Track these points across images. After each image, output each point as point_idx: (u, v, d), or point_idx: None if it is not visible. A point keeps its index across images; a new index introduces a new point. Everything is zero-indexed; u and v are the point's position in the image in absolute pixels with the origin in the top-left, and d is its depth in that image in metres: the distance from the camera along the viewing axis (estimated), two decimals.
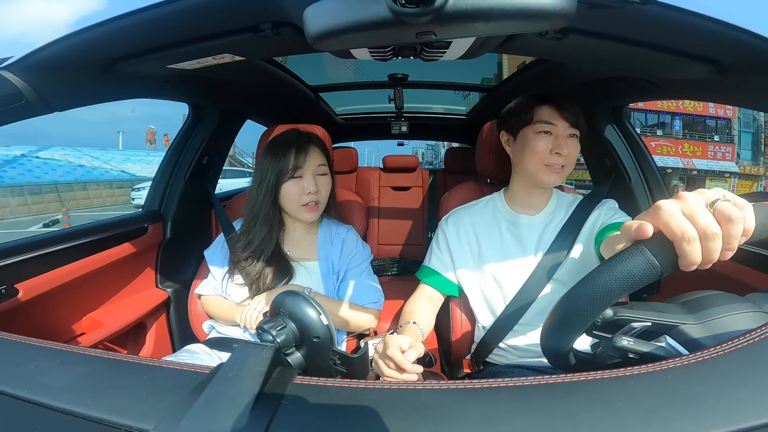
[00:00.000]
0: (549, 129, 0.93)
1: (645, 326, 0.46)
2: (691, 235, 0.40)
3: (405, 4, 0.41)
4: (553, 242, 0.96)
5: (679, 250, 0.41)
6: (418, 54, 0.84)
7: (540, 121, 0.94)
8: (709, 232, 0.39)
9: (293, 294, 0.62)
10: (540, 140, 0.93)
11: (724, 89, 0.87)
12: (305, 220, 1.07)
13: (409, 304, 1.02)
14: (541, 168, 0.94)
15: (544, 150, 0.93)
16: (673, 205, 0.42)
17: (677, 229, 0.40)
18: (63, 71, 0.80)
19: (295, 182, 1.02)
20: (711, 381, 0.33)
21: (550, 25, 0.45)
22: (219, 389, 0.36)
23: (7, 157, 14.07)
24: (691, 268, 0.41)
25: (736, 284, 0.98)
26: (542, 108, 0.95)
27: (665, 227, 0.41)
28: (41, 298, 0.99)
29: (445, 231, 1.07)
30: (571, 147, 0.93)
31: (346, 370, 0.58)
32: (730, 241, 0.40)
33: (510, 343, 0.96)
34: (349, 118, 2.62)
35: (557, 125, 0.93)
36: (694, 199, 0.41)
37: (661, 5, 0.57)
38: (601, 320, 0.47)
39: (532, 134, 0.94)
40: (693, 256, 0.40)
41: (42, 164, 14.59)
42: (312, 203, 1.03)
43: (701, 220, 0.40)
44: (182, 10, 0.65)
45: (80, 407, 0.35)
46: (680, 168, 19.56)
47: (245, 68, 1.14)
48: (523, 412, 0.32)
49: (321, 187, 1.04)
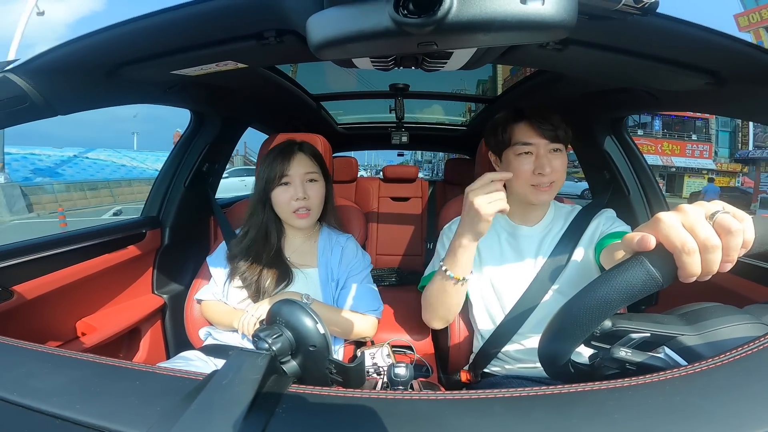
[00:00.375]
0: (529, 149, 0.91)
1: (643, 337, 0.46)
2: (691, 247, 0.40)
3: (407, 14, 0.41)
4: (552, 251, 0.96)
5: (679, 262, 0.41)
6: (420, 64, 0.85)
7: (518, 142, 0.92)
8: (709, 244, 0.40)
9: (290, 302, 0.61)
10: (522, 162, 0.92)
11: (722, 101, 0.87)
12: (297, 226, 1.08)
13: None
14: (529, 189, 0.93)
15: (527, 171, 0.91)
16: (674, 217, 0.42)
17: (677, 240, 0.40)
18: (67, 75, 0.80)
19: (283, 189, 1.04)
20: (709, 392, 0.32)
21: (551, 37, 0.46)
22: (212, 396, 0.36)
23: (63, 157, 16.20)
24: (690, 279, 0.41)
25: (734, 296, 0.98)
26: (519, 127, 0.93)
27: (665, 239, 0.41)
28: (36, 301, 0.98)
29: (450, 237, 1.06)
30: (556, 162, 0.91)
31: (341, 379, 0.57)
32: (729, 253, 0.40)
33: (509, 352, 0.96)
34: (350, 128, 2.63)
35: (536, 144, 0.91)
36: (694, 211, 0.42)
37: (661, 16, 0.58)
38: (599, 331, 0.47)
39: (513, 156, 0.93)
40: (692, 267, 0.40)
41: (92, 164, 16.79)
42: (302, 210, 1.04)
43: (701, 232, 0.40)
44: (187, 16, 0.66)
45: (70, 412, 0.35)
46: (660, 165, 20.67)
47: (248, 76, 1.15)
48: (521, 424, 0.32)
49: (311, 193, 1.05)
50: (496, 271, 0.99)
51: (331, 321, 1.00)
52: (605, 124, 1.37)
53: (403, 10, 0.41)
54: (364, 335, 1.08)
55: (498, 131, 0.96)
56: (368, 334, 1.08)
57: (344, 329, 1.03)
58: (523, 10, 0.41)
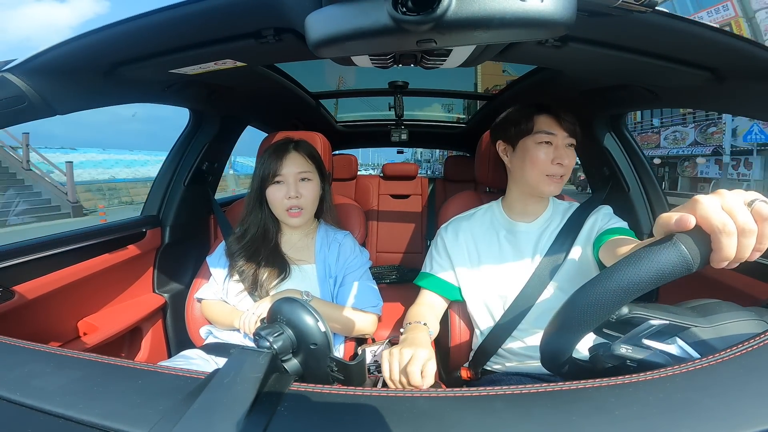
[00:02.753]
0: (550, 139, 0.94)
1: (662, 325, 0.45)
2: (731, 229, 0.40)
3: (406, 12, 0.41)
4: (550, 247, 0.97)
5: (717, 244, 0.41)
6: (419, 62, 0.84)
7: (541, 131, 0.94)
8: (747, 228, 0.40)
9: (291, 300, 0.61)
10: (541, 150, 0.94)
11: (722, 97, 0.87)
12: (290, 224, 1.09)
13: (413, 309, 1.01)
14: (543, 178, 0.95)
15: (545, 160, 0.93)
16: (713, 199, 0.42)
17: (718, 221, 0.40)
18: (65, 75, 0.80)
19: (277, 187, 1.05)
20: (710, 388, 0.33)
21: (550, 34, 0.46)
22: (214, 395, 0.36)
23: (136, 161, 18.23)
24: (723, 263, 0.41)
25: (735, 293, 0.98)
26: (542, 117, 0.95)
27: (704, 219, 0.41)
28: (38, 300, 0.98)
29: (444, 238, 1.07)
30: (570, 156, 0.95)
31: (343, 377, 0.58)
32: (762, 241, 0.41)
33: (509, 348, 0.96)
34: (350, 126, 2.63)
35: (557, 135, 0.94)
36: (734, 195, 0.42)
37: (660, 13, 0.58)
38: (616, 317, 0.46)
39: (533, 144, 0.95)
40: (729, 250, 0.40)
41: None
42: (295, 208, 1.05)
43: (740, 215, 0.40)
44: (185, 15, 0.66)
45: (73, 411, 0.35)
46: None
47: (246, 74, 1.15)
48: (522, 421, 0.32)
49: (303, 192, 1.05)
50: (494, 268, 1.00)
51: (331, 318, 1.01)
52: (605, 120, 1.37)
53: (401, 7, 0.41)
54: (364, 332, 1.08)
55: (521, 120, 0.98)
56: (369, 331, 1.09)
57: (345, 326, 1.04)
58: (522, 7, 0.41)
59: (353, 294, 1.09)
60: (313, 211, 1.11)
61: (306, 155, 1.08)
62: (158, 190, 1.43)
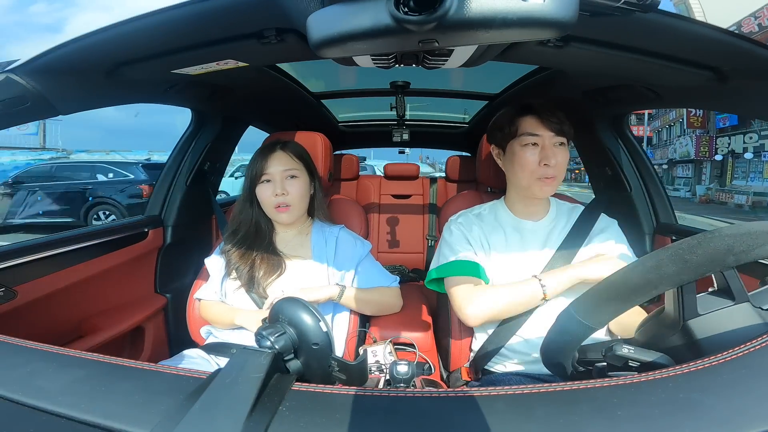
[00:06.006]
0: (535, 141, 0.93)
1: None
2: None
3: (408, 12, 0.41)
4: (560, 247, 0.97)
5: None
6: (420, 62, 0.85)
7: (525, 133, 0.94)
8: None
9: (292, 300, 0.61)
10: (527, 152, 0.94)
11: (724, 97, 0.87)
12: (280, 221, 1.12)
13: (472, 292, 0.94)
14: (534, 181, 0.94)
15: (533, 162, 0.93)
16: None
17: None
18: (67, 75, 0.80)
19: (265, 186, 1.07)
20: (712, 389, 0.32)
21: (552, 34, 0.45)
22: (216, 395, 0.36)
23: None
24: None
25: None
26: (526, 119, 0.95)
27: None
28: (40, 300, 0.99)
29: (460, 226, 1.04)
30: (560, 155, 0.93)
31: (344, 377, 0.58)
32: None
33: (512, 348, 0.96)
34: (351, 126, 2.63)
35: (542, 135, 0.93)
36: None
37: (662, 13, 0.58)
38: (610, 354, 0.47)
39: (519, 147, 0.95)
40: None
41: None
42: (282, 205, 1.07)
43: None
44: (187, 15, 0.66)
45: (75, 411, 0.35)
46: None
47: (248, 74, 1.15)
48: (524, 421, 0.32)
49: (290, 189, 1.07)
50: (504, 263, 0.99)
51: (366, 300, 1.09)
52: (607, 120, 1.37)
53: (403, 7, 0.41)
54: (394, 307, 1.17)
55: (505, 123, 0.98)
56: (398, 303, 1.18)
57: (380, 305, 1.13)
58: (524, 7, 0.41)
59: (373, 275, 1.15)
60: (303, 207, 1.12)
61: (293, 154, 1.10)
62: (160, 190, 1.43)
